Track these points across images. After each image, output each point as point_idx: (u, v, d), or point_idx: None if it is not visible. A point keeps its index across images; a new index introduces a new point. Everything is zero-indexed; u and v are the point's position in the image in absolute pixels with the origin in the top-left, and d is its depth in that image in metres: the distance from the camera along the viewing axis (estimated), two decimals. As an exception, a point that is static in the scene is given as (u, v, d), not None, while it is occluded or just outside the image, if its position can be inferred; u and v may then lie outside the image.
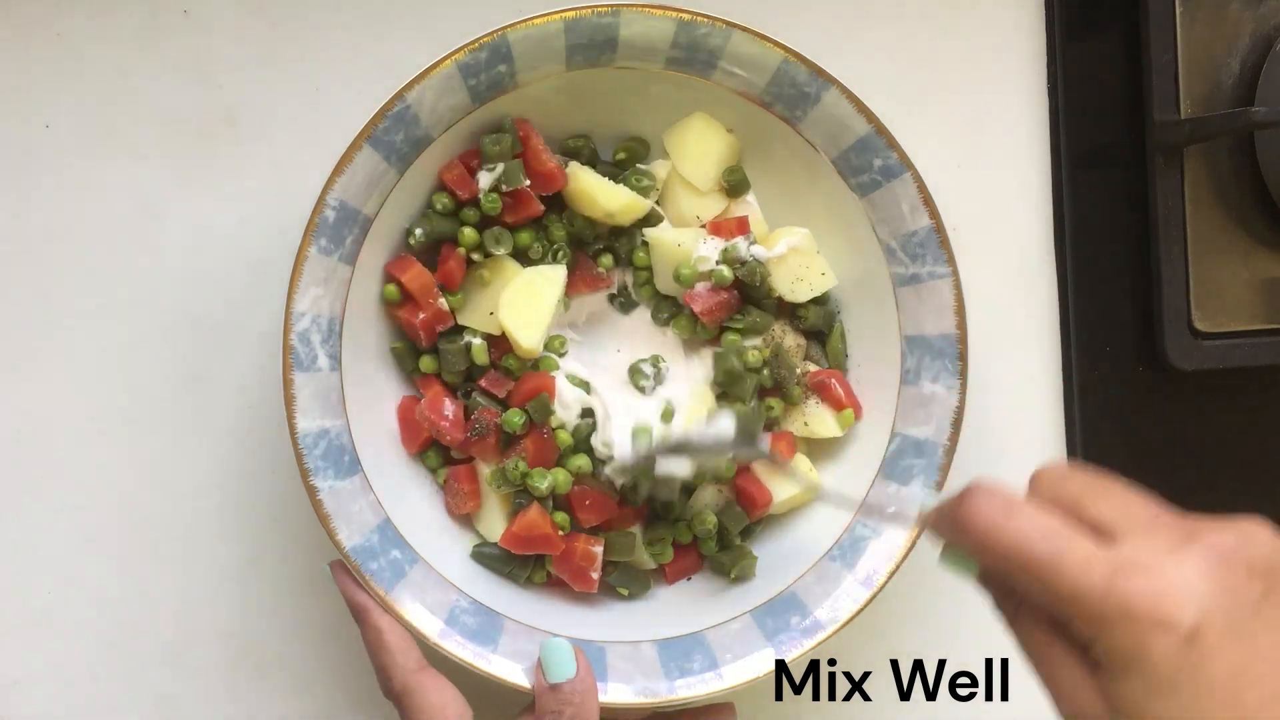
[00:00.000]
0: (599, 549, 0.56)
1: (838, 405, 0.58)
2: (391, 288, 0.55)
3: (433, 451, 0.57)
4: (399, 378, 0.57)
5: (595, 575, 0.56)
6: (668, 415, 0.56)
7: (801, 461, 0.58)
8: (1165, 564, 0.35)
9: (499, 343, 0.56)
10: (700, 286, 0.57)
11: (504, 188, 0.54)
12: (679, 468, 0.53)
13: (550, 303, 0.55)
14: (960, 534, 0.39)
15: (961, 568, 0.42)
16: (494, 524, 0.56)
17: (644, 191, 0.57)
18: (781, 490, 0.57)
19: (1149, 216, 0.65)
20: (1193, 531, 0.36)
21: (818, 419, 0.58)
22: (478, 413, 0.55)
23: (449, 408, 0.55)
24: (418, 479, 0.57)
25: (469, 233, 0.55)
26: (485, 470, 0.56)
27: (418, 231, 0.55)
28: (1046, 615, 0.39)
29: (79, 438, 0.57)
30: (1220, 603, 0.35)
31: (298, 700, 0.59)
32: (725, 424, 0.52)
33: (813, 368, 0.59)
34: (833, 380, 0.58)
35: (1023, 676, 0.66)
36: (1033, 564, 0.37)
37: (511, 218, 0.55)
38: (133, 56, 0.58)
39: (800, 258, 0.58)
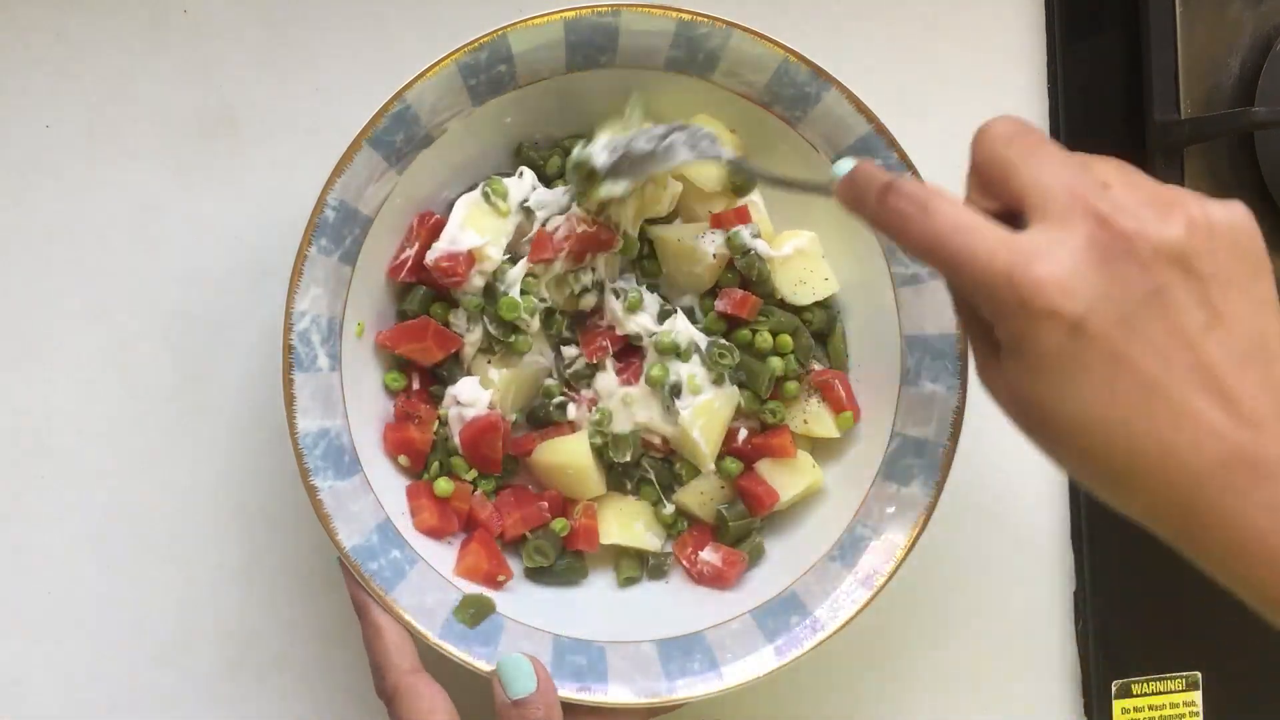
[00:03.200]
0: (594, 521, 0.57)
1: (838, 407, 0.58)
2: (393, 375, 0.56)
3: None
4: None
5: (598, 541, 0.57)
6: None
7: (803, 458, 0.58)
8: (1063, 253, 0.37)
9: None
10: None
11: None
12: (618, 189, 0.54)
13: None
14: (880, 223, 0.41)
15: None
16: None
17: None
18: (788, 489, 0.57)
19: (1149, 216, 0.65)
20: (1107, 217, 0.37)
21: (817, 419, 0.58)
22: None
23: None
24: (418, 479, 0.57)
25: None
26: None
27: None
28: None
29: (78, 438, 0.57)
30: (1110, 294, 0.37)
31: (298, 700, 0.59)
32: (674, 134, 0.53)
33: (817, 366, 0.59)
34: (836, 381, 0.58)
35: (1021, 676, 0.66)
36: (942, 257, 0.39)
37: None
38: (133, 57, 0.58)
39: (805, 261, 0.58)
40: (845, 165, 0.44)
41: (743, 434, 0.57)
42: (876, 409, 0.58)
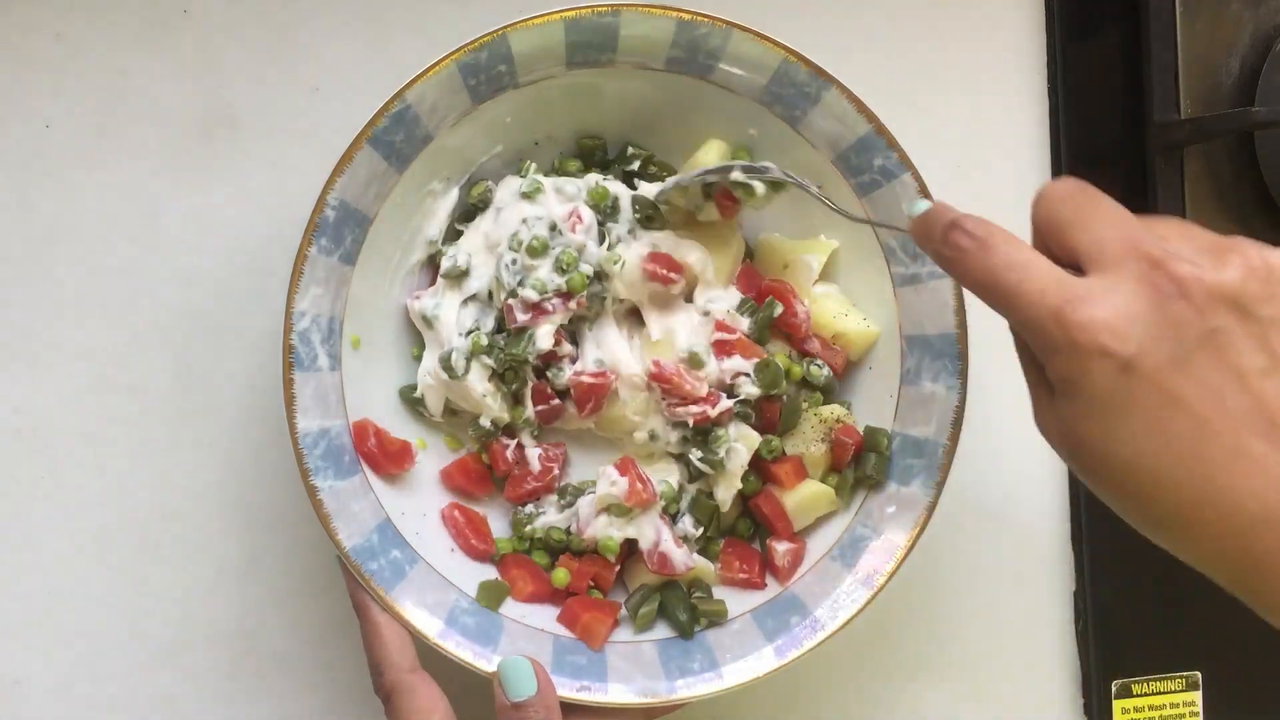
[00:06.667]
0: (607, 627, 0.55)
1: (837, 464, 0.57)
2: None
3: None
4: (400, 376, 0.57)
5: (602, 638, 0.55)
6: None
7: (821, 491, 0.57)
8: (1115, 295, 0.37)
9: None
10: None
11: None
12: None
13: None
14: (941, 258, 0.42)
15: None
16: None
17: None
18: (800, 519, 0.57)
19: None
20: (1161, 261, 0.37)
21: (813, 462, 0.57)
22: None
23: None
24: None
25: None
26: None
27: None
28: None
29: (79, 438, 0.57)
30: (1163, 335, 0.36)
31: (298, 700, 0.59)
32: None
33: (839, 411, 0.58)
34: (853, 445, 0.56)
35: (1021, 676, 0.66)
36: (996, 294, 0.39)
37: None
38: (133, 56, 0.58)
39: (840, 324, 0.58)
40: (920, 205, 0.44)
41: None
42: (877, 409, 0.58)
